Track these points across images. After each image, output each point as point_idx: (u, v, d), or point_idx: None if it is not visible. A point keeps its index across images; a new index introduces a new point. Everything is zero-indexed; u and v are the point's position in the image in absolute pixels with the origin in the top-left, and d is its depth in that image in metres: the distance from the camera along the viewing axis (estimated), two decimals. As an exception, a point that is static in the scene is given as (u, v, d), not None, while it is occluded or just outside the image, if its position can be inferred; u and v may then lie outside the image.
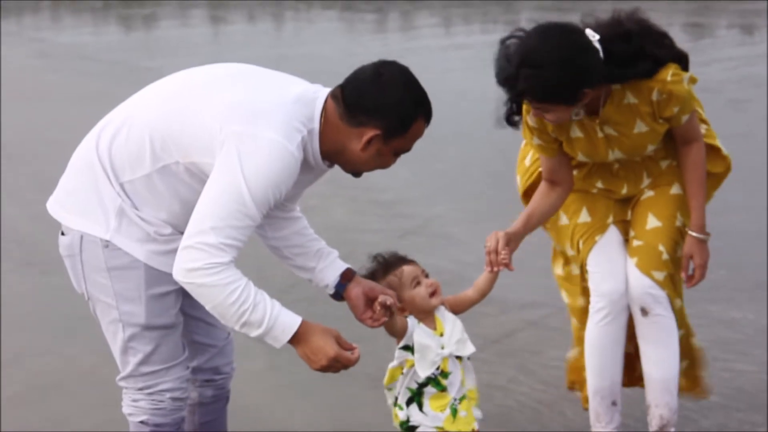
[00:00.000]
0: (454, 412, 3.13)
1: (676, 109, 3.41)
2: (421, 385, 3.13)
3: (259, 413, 4.25)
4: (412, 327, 3.12)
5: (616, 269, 3.64)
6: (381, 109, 2.81)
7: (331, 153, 2.89)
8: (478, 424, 3.19)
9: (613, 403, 3.75)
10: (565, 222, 3.76)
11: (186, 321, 3.08)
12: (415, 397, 3.14)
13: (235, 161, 2.71)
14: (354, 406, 4.22)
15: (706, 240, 3.59)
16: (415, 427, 3.14)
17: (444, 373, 3.13)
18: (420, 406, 3.14)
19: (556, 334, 4.85)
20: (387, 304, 3.00)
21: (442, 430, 3.12)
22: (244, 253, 2.78)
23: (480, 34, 16.80)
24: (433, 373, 3.11)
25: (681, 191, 3.63)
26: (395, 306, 3.04)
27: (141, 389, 3.00)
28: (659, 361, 3.65)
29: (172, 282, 2.87)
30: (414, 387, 3.14)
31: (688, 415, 4.06)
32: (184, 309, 3.05)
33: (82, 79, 13.31)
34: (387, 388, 3.21)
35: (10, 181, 8.21)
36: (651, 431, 3.71)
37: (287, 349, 2.84)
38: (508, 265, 3.27)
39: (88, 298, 2.99)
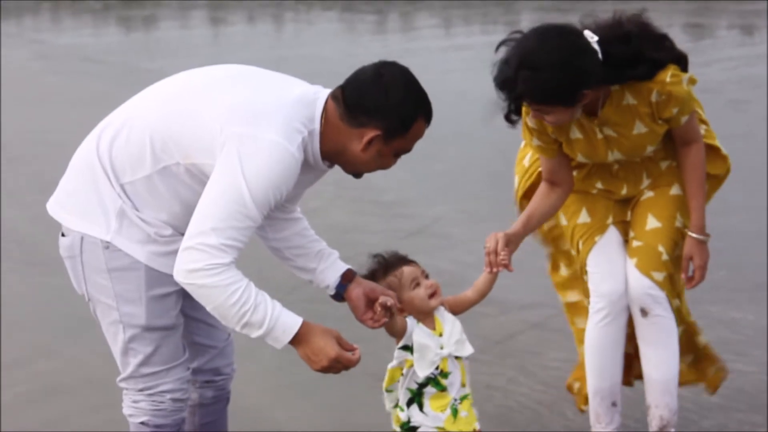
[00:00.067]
0: (455, 412, 3.13)
1: (675, 110, 3.41)
2: (421, 386, 3.13)
3: (260, 414, 4.26)
4: (412, 327, 3.12)
5: (615, 270, 3.64)
6: (381, 110, 2.81)
7: (331, 154, 2.89)
8: (479, 424, 3.19)
9: (613, 404, 3.75)
10: (564, 223, 3.76)
11: (186, 322, 3.08)
12: (416, 397, 3.14)
13: (235, 162, 2.71)
14: (355, 407, 4.22)
15: (706, 241, 3.59)
16: (416, 428, 3.13)
17: (443, 373, 3.13)
18: (420, 407, 3.14)
19: (556, 335, 4.85)
20: (388, 305, 3.00)
21: (442, 430, 3.12)
22: (245, 254, 2.78)
23: (480, 35, 16.80)
24: (433, 373, 3.11)
25: (681, 192, 3.63)
26: (396, 307, 3.05)
27: (141, 390, 3.00)
28: (659, 362, 3.65)
29: (172, 283, 2.87)
30: (414, 387, 3.14)
31: (688, 415, 4.06)
32: (185, 310, 3.05)
33: (82, 80, 13.32)
34: (387, 390, 3.21)
35: (10, 183, 8.21)
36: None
37: (288, 349, 2.84)
38: (507, 266, 3.27)
39: (89, 299, 3.00)
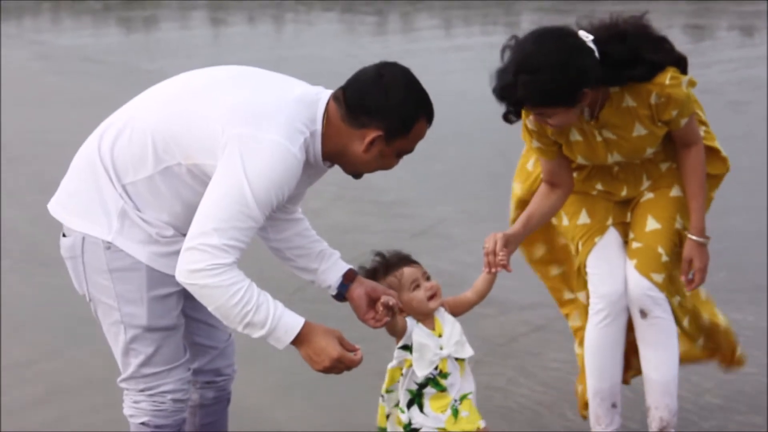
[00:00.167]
0: (455, 413, 3.13)
1: (674, 112, 3.41)
2: (421, 386, 3.13)
3: (260, 414, 4.26)
4: (411, 327, 3.13)
5: (615, 271, 3.65)
6: (383, 110, 2.81)
7: (332, 154, 2.89)
8: (484, 423, 3.19)
9: (613, 405, 3.75)
10: (566, 223, 3.77)
11: (187, 322, 3.08)
12: (415, 398, 3.14)
13: (237, 163, 2.71)
14: (355, 407, 4.22)
15: (706, 243, 3.59)
16: (417, 430, 3.13)
17: (443, 374, 3.13)
18: (420, 408, 3.14)
19: (556, 336, 4.85)
20: (389, 305, 3.01)
21: (443, 431, 3.12)
22: (246, 254, 2.78)
23: (480, 36, 16.80)
24: (432, 373, 3.11)
25: (681, 193, 3.63)
26: (397, 306, 3.05)
27: (142, 391, 3.00)
28: (659, 363, 3.65)
29: (173, 284, 2.87)
30: (413, 388, 3.14)
31: (688, 417, 4.06)
32: (186, 311, 3.05)
33: (82, 80, 13.31)
34: (386, 390, 3.21)
35: (10, 183, 8.21)
36: (651, 432, 3.72)
37: (289, 350, 2.84)
38: (506, 266, 3.27)
39: (90, 300, 3.00)
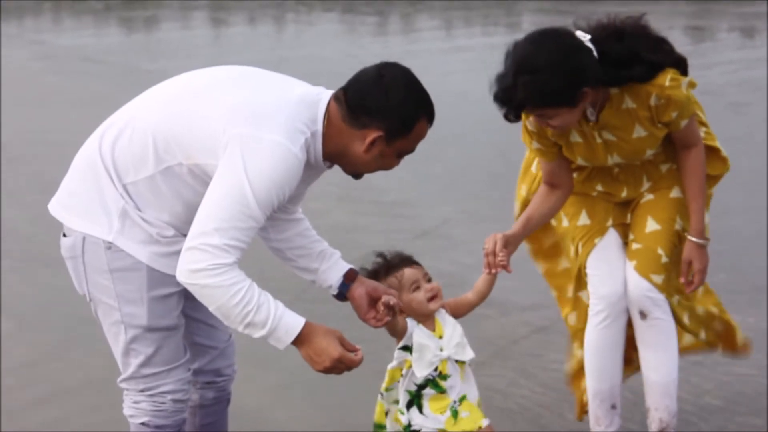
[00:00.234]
0: (455, 414, 3.13)
1: (674, 114, 3.41)
2: (420, 387, 3.13)
3: (260, 415, 4.25)
4: (412, 327, 3.13)
5: (615, 272, 3.65)
6: (383, 111, 2.81)
7: (333, 155, 2.89)
8: (486, 422, 3.18)
9: (613, 407, 3.75)
10: (565, 224, 3.77)
11: (187, 323, 3.08)
12: (415, 399, 3.14)
13: (238, 163, 2.71)
14: (356, 408, 4.21)
15: (706, 245, 3.59)
16: (416, 431, 3.14)
17: (443, 375, 3.13)
18: (420, 409, 3.14)
19: (556, 337, 4.84)
20: (390, 304, 3.01)
21: (443, 431, 3.12)
22: (246, 254, 2.78)
23: (481, 37, 16.81)
24: (431, 375, 3.11)
25: (681, 195, 3.63)
26: (398, 306, 3.05)
27: (142, 391, 3.00)
28: (658, 365, 3.65)
29: (174, 284, 2.87)
30: (413, 389, 3.14)
31: (687, 418, 4.06)
32: (186, 311, 3.05)
33: (83, 80, 13.32)
34: (386, 389, 3.21)
35: (10, 183, 8.21)
36: (650, 434, 3.72)
37: (289, 350, 2.84)
38: (505, 267, 3.27)
39: (90, 300, 3.00)
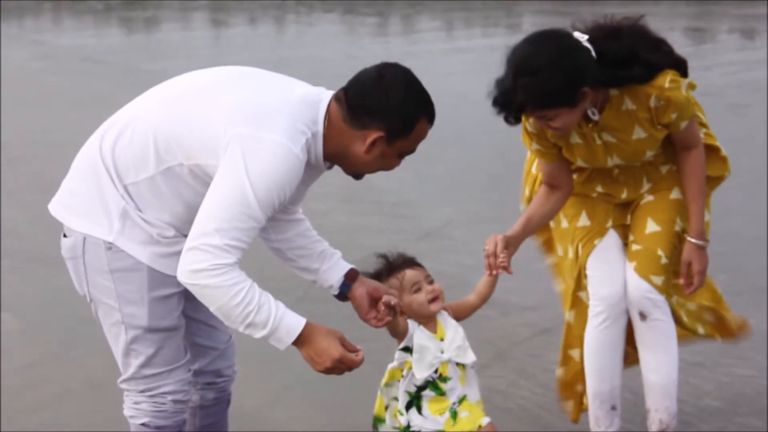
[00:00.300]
0: (454, 415, 3.13)
1: (674, 115, 3.41)
2: (420, 389, 3.13)
3: (260, 415, 4.25)
4: (413, 329, 3.13)
5: (614, 273, 3.65)
6: (383, 111, 2.81)
7: (334, 155, 2.89)
8: (487, 420, 3.17)
9: (613, 408, 3.75)
10: (565, 225, 3.77)
11: (188, 323, 3.08)
12: (414, 400, 3.14)
13: (239, 163, 2.71)
14: (356, 408, 4.21)
15: (705, 246, 3.59)
16: (416, 432, 3.14)
17: (443, 378, 3.13)
18: (419, 410, 3.14)
19: (557, 338, 4.82)
20: (391, 304, 3.01)
21: (442, 432, 3.13)
22: (247, 254, 2.78)
23: (481, 38, 16.82)
24: (431, 377, 3.11)
25: (681, 196, 3.63)
26: (399, 306, 3.05)
27: (142, 391, 3.00)
28: (658, 366, 3.66)
29: (174, 284, 2.88)
30: (413, 390, 3.14)
31: (687, 419, 4.06)
32: (186, 311, 3.05)
33: (83, 81, 13.32)
34: (385, 384, 3.21)
35: (10, 183, 8.21)
36: (650, 435, 3.72)
37: (289, 350, 2.84)
38: (506, 268, 3.28)
39: (90, 300, 3.00)
